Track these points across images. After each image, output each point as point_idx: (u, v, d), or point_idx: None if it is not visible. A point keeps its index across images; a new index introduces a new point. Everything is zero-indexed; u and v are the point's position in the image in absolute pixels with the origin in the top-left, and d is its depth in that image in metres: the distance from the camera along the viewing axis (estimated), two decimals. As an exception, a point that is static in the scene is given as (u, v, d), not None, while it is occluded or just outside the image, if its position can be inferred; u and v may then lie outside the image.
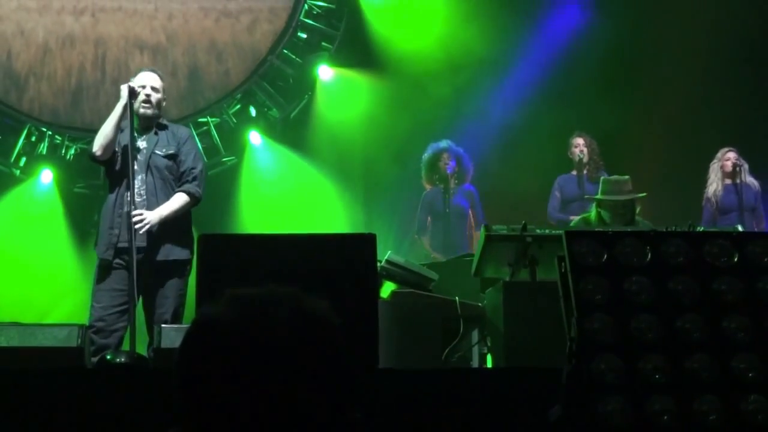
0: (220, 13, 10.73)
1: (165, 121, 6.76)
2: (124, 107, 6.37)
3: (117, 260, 6.31)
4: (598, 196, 7.38)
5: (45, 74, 10.44)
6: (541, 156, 9.84)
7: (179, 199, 6.49)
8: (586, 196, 8.18)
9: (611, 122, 9.98)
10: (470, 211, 9.15)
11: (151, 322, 6.30)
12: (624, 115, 10.35)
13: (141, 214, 6.25)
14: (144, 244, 6.30)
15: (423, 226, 9.20)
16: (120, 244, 6.29)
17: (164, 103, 6.71)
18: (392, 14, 10.79)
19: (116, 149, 6.45)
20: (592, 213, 7.46)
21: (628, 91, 10.49)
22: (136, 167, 6.34)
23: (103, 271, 6.35)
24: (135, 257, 6.08)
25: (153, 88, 6.59)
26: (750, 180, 8.89)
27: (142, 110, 6.51)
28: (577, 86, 10.31)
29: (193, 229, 6.66)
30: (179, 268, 6.40)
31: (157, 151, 6.52)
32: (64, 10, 10.47)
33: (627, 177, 7.46)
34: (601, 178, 7.77)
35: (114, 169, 6.46)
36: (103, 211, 6.49)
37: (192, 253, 6.42)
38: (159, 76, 6.73)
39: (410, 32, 10.66)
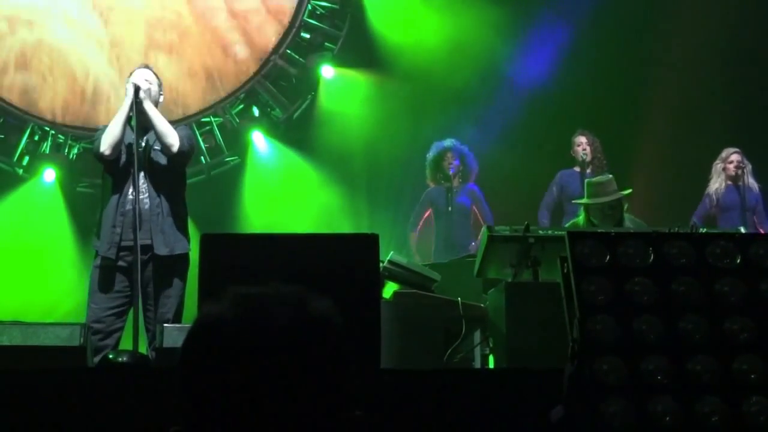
0: (227, 13, 10.73)
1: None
2: (131, 105, 6.39)
3: (119, 261, 6.31)
4: (585, 201, 7.34)
5: (62, 75, 10.45)
6: (544, 155, 9.84)
7: (170, 127, 6.50)
8: (573, 201, 8.16)
9: (614, 121, 9.98)
10: (473, 209, 9.16)
11: (151, 321, 6.29)
12: (627, 113, 10.36)
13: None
14: (149, 241, 6.30)
15: (416, 221, 9.23)
16: (123, 243, 6.30)
17: (161, 99, 6.72)
18: (395, 14, 10.79)
19: (120, 148, 6.46)
20: (581, 217, 7.43)
21: (631, 90, 10.49)
22: (138, 165, 6.35)
23: (102, 271, 6.35)
24: (139, 255, 6.09)
25: (146, 80, 6.60)
26: (751, 182, 8.88)
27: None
28: (580, 85, 10.30)
29: (195, 227, 6.67)
30: (181, 264, 6.39)
31: (157, 147, 6.51)
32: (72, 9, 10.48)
33: (610, 176, 7.41)
34: (585, 181, 7.72)
35: (117, 167, 6.46)
36: (105, 210, 6.48)
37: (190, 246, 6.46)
38: (152, 71, 6.75)
39: (413, 32, 10.66)
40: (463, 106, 10.34)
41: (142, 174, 6.41)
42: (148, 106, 6.44)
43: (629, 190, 7.42)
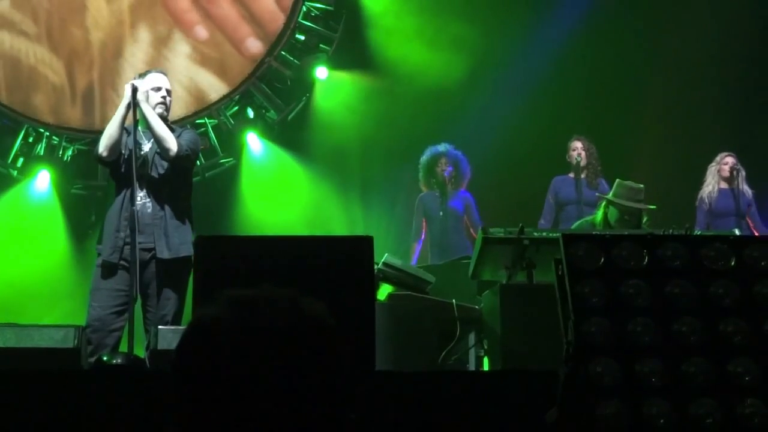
0: (222, 10, 10.74)
1: (170, 124, 6.71)
2: (128, 107, 6.36)
3: (121, 262, 6.29)
4: (610, 197, 7.34)
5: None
6: (539, 159, 9.84)
7: (168, 131, 6.45)
8: (597, 194, 8.12)
9: (609, 126, 9.99)
10: (465, 216, 9.15)
11: (149, 323, 6.28)
12: (622, 118, 10.36)
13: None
14: (152, 244, 6.28)
15: (418, 231, 9.20)
16: (126, 247, 6.27)
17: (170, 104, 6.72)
18: (390, 16, 10.79)
19: (122, 151, 6.43)
20: (599, 215, 7.43)
21: (626, 95, 10.50)
22: (141, 169, 6.33)
23: (104, 271, 6.33)
24: (138, 257, 6.08)
25: (167, 91, 6.58)
26: (745, 188, 8.87)
27: (158, 111, 6.48)
28: (576, 89, 10.31)
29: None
30: (184, 267, 6.35)
31: (159, 151, 6.48)
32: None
33: (642, 186, 7.39)
34: (617, 180, 7.64)
35: (120, 170, 6.43)
36: (108, 213, 6.46)
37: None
38: (167, 77, 6.72)
39: (408, 34, 10.66)
40: (457, 109, 10.33)
41: (145, 177, 6.39)
42: (146, 109, 6.39)
43: (654, 207, 7.41)
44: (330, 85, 10.77)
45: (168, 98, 6.58)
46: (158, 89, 6.54)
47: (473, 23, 10.48)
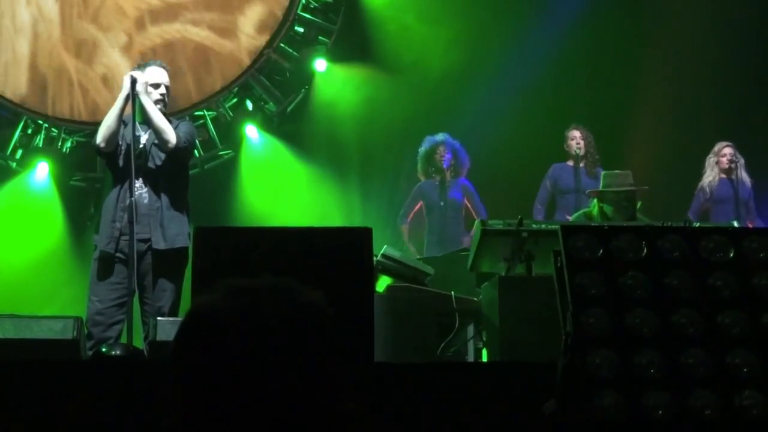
0: (220, 7, 10.72)
1: (168, 116, 6.71)
2: (126, 98, 6.36)
3: (117, 253, 6.29)
4: (600, 189, 7.38)
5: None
6: (538, 149, 9.84)
7: (167, 123, 6.45)
8: (587, 192, 8.14)
9: (608, 115, 9.99)
10: (465, 204, 9.16)
11: (147, 315, 6.28)
12: (621, 108, 10.36)
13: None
14: (148, 235, 6.28)
15: (406, 213, 9.25)
16: (123, 238, 6.27)
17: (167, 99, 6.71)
18: (389, 8, 10.78)
19: (120, 142, 6.42)
20: (594, 208, 7.45)
21: (624, 85, 10.49)
22: (138, 160, 6.33)
23: (102, 263, 6.33)
24: (135, 248, 6.07)
25: (166, 87, 6.57)
26: (744, 176, 8.87)
27: (157, 107, 6.47)
28: (574, 79, 10.31)
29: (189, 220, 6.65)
30: (180, 258, 6.37)
31: (157, 142, 6.47)
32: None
33: (628, 171, 7.46)
34: (603, 172, 7.74)
35: (118, 162, 6.43)
36: (105, 204, 6.47)
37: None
38: (167, 72, 6.70)
39: (407, 26, 10.65)
40: (456, 101, 10.33)
41: (142, 168, 6.39)
42: (145, 101, 6.39)
43: (646, 187, 7.45)
44: (329, 77, 10.76)
45: (167, 95, 6.57)
46: (157, 86, 6.53)
47: (472, 15, 10.47)
